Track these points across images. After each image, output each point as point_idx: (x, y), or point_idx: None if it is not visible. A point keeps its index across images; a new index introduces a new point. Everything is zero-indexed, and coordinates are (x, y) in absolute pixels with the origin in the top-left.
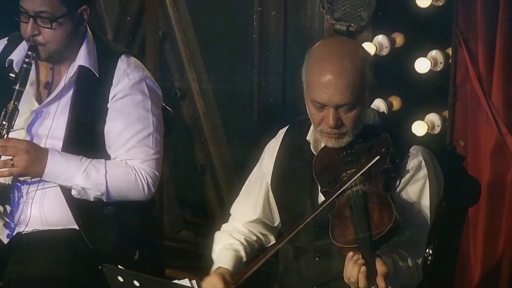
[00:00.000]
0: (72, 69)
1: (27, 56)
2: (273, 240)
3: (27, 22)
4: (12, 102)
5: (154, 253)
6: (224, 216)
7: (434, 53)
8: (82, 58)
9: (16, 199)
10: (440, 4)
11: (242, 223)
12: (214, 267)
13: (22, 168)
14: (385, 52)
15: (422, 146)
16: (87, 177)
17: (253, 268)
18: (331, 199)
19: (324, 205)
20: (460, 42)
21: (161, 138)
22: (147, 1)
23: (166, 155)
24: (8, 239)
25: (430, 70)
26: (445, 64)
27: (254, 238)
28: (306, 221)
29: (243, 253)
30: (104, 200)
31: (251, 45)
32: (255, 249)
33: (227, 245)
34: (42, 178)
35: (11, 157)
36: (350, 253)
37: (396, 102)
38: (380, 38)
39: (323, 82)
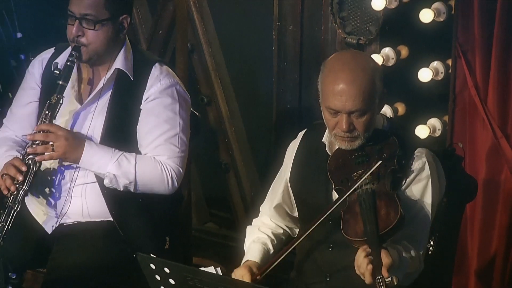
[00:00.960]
0: (110, 71)
1: (70, 55)
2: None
3: (73, 24)
4: (56, 95)
5: (183, 243)
6: (246, 210)
7: (435, 63)
8: (119, 62)
9: (60, 194)
10: (441, 19)
11: (270, 218)
12: (244, 259)
13: (61, 153)
14: (391, 63)
15: (426, 148)
16: (118, 165)
17: (277, 261)
18: (344, 197)
19: (339, 202)
20: (459, 54)
21: (186, 139)
22: (178, 16)
23: (193, 155)
24: (52, 230)
25: (431, 79)
26: (446, 73)
27: (281, 231)
28: (323, 216)
29: (270, 246)
30: (132, 190)
31: (270, 56)
32: (282, 241)
33: (255, 238)
34: (78, 165)
35: (52, 143)
36: (364, 246)
37: (401, 108)
38: (387, 50)
39: (337, 91)
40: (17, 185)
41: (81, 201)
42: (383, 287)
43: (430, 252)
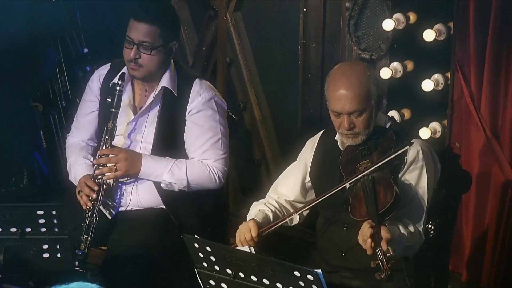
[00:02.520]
0: (157, 89)
1: (117, 84)
2: (296, 220)
3: (131, 48)
4: (111, 121)
5: (222, 226)
6: None
7: (436, 76)
8: (165, 80)
9: (119, 189)
10: (442, 39)
11: (276, 199)
12: (248, 219)
13: (123, 172)
14: (399, 75)
15: (420, 139)
16: (172, 174)
17: (281, 222)
18: (344, 183)
19: (340, 187)
20: (457, 68)
21: (227, 142)
22: (218, 35)
23: (231, 152)
24: (112, 216)
25: (433, 89)
26: (445, 84)
27: (281, 214)
28: (327, 195)
29: (271, 218)
30: (186, 190)
31: (296, 68)
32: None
33: (260, 208)
34: (138, 177)
35: (114, 164)
36: (366, 223)
37: (407, 113)
38: (395, 64)
39: (337, 96)
40: (92, 202)
41: (135, 194)
42: (382, 257)
43: (430, 236)
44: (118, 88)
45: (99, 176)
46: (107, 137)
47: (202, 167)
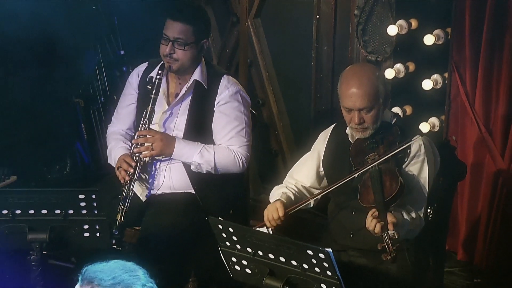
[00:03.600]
0: (190, 82)
1: (158, 73)
2: (310, 205)
3: (167, 44)
4: (150, 106)
5: (243, 210)
6: None
7: (435, 76)
8: (197, 74)
9: (152, 172)
10: (440, 43)
11: (294, 184)
12: (272, 201)
13: (158, 151)
14: (401, 75)
15: (423, 135)
16: (201, 156)
17: (304, 203)
18: (354, 173)
19: (351, 177)
20: (454, 69)
21: (250, 131)
22: (240, 39)
23: (252, 143)
24: (145, 199)
25: (432, 88)
26: (443, 84)
27: (300, 197)
28: (340, 183)
29: (293, 200)
30: (213, 173)
31: (310, 69)
32: (299, 199)
33: (283, 191)
34: (171, 157)
35: (151, 144)
36: (372, 210)
37: (408, 109)
38: (398, 65)
39: (349, 93)
40: (130, 176)
41: (168, 178)
42: (388, 240)
43: (429, 219)
44: (158, 77)
45: (137, 154)
46: (145, 119)
47: (228, 152)
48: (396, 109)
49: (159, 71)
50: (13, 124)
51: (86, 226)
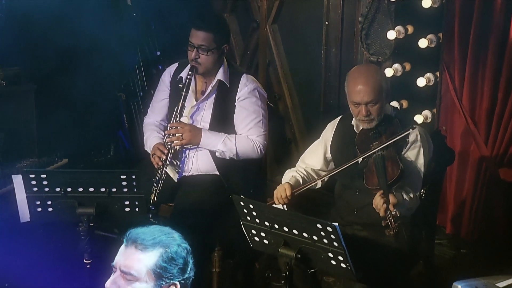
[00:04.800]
0: (214, 81)
1: (189, 74)
2: (319, 185)
3: (192, 50)
4: (181, 101)
5: (261, 189)
6: None
7: (428, 74)
8: (220, 74)
9: (183, 158)
10: (433, 46)
11: (304, 168)
12: (282, 183)
13: (187, 140)
14: (399, 74)
15: (419, 126)
16: (225, 144)
17: (309, 185)
18: (359, 157)
19: (359, 159)
20: (444, 68)
21: (267, 122)
22: (260, 42)
23: (269, 132)
24: (177, 180)
25: (425, 85)
26: (435, 81)
27: (308, 179)
28: (345, 166)
29: (301, 182)
30: (235, 159)
31: (319, 68)
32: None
33: (292, 174)
34: (198, 146)
35: (181, 134)
36: (380, 191)
37: (405, 103)
38: (396, 65)
39: (357, 90)
40: (162, 162)
41: (196, 163)
42: (391, 217)
43: (422, 198)
44: (188, 77)
45: (169, 143)
46: (177, 113)
47: (247, 141)
48: (394, 103)
49: (190, 72)
50: (66, 115)
51: (126, 202)
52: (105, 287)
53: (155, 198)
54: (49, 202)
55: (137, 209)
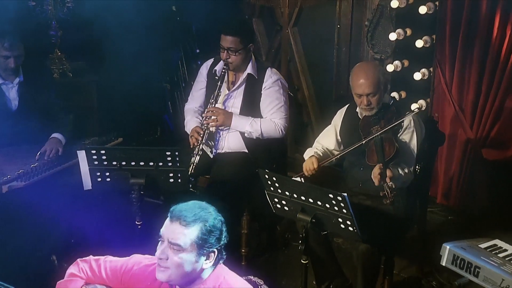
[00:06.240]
0: (244, 74)
1: (223, 69)
2: (332, 163)
3: (223, 52)
4: (216, 91)
5: (282, 164)
6: None
7: (423, 70)
8: (249, 68)
9: (217, 137)
10: (428, 45)
11: (320, 147)
12: (307, 157)
13: (221, 122)
14: (399, 69)
15: (413, 113)
16: (251, 126)
17: (332, 159)
18: (363, 141)
19: (363, 142)
20: (437, 65)
21: (288, 108)
22: (282, 42)
23: (289, 117)
24: (213, 156)
25: (421, 78)
26: (429, 75)
27: (324, 156)
28: (352, 147)
29: (321, 157)
30: (260, 138)
31: (332, 64)
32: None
33: (315, 151)
34: (230, 128)
35: (216, 117)
36: (378, 165)
37: (403, 94)
38: (397, 62)
39: (359, 83)
40: (199, 141)
41: (227, 141)
42: (387, 189)
43: (418, 172)
44: (223, 71)
45: (205, 124)
46: (212, 100)
47: (271, 123)
48: (394, 94)
49: (224, 67)
50: (121, 102)
51: (171, 174)
52: (155, 255)
53: (193, 170)
54: (107, 174)
55: (179, 180)
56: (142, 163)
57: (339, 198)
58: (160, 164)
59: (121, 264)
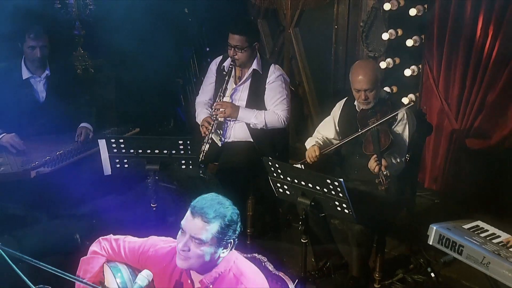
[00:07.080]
0: (250, 70)
1: (230, 65)
2: (331, 151)
3: (231, 49)
4: (224, 85)
5: (284, 153)
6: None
7: (413, 67)
8: (255, 65)
9: (225, 128)
10: (417, 45)
11: (320, 137)
12: (309, 146)
13: (228, 114)
14: (391, 66)
15: (406, 107)
16: (256, 118)
17: (332, 148)
18: (360, 132)
19: (360, 133)
20: (425, 62)
21: (289, 100)
22: (285, 41)
23: (291, 110)
24: (221, 144)
25: (411, 74)
26: (418, 72)
27: (324, 145)
28: (350, 138)
29: (322, 145)
30: (264, 129)
31: (330, 62)
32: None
33: (315, 140)
34: (236, 119)
35: (224, 109)
36: (374, 156)
37: (395, 88)
38: (389, 59)
39: (358, 80)
40: (208, 130)
41: (234, 131)
42: (383, 176)
43: (407, 160)
44: (230, 67)
45: (214, 116)
46: (220, 93)
47: (274, 114)
48: (387, 88)
49: (232, 63)
50: (138, 95)
51: (183, 161)
52: (178, 248)
53: (203, 157)
54: (125, 160)
55: (191, 167)
56: (157, 151)
57: (336, 183)
58: (173, 152)
59: (139, 245)
